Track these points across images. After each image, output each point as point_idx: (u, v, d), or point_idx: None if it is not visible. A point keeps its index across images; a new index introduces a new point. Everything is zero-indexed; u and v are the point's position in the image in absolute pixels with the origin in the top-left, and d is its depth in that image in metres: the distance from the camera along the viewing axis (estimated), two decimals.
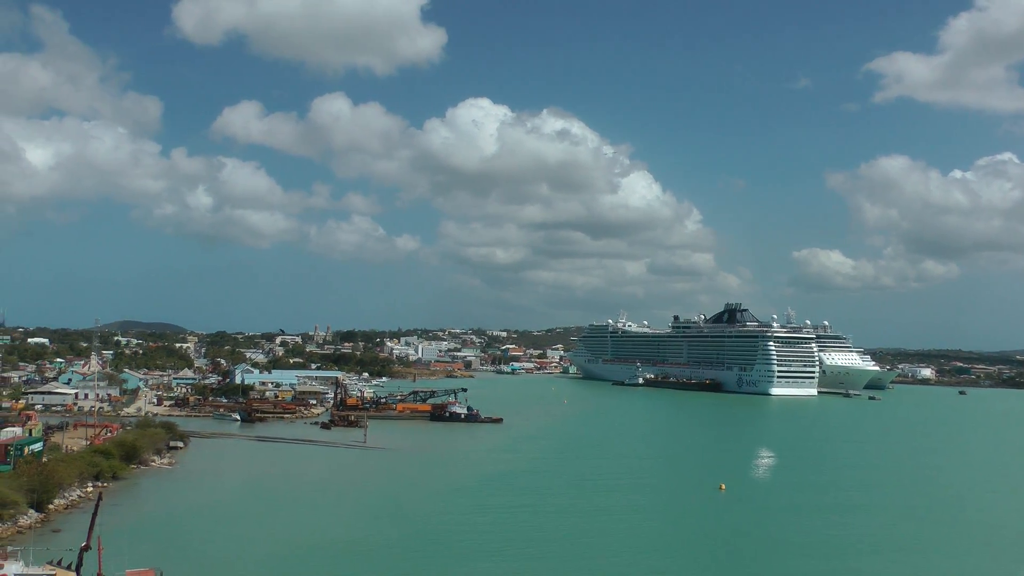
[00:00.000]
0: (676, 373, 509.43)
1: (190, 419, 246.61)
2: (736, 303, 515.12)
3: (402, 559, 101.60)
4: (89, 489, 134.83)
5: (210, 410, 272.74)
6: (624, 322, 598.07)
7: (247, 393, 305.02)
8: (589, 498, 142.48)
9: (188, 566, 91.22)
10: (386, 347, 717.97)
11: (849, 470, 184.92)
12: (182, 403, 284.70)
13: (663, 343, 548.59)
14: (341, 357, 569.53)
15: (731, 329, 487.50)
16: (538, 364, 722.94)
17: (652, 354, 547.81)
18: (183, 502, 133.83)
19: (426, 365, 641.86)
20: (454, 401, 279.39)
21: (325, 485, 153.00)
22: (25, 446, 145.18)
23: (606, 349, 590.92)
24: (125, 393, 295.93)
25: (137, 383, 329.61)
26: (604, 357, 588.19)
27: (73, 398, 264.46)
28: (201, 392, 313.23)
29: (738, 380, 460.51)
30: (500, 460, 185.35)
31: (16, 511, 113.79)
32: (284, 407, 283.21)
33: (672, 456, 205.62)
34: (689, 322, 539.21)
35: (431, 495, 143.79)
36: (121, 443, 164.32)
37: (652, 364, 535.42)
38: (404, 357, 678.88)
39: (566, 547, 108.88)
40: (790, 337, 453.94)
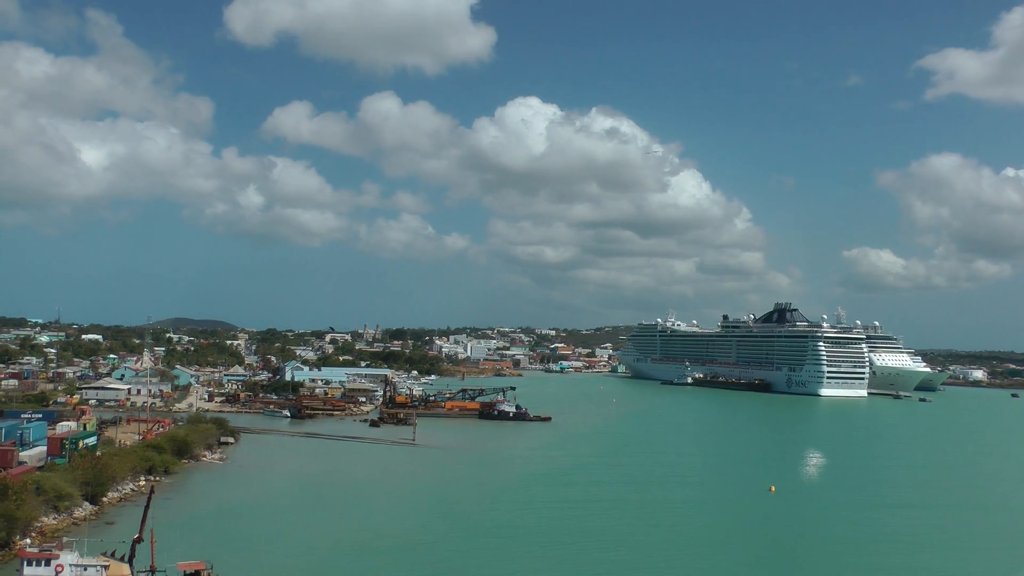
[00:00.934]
0: (725, 373, 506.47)
1: (241, 415, 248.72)
2: (786, 303, 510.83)
3: (451, 556, 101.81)
4: (142, 483, 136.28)
5: (260, 406, 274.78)
6: (673, 321, 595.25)
7: (297, 390, 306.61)
8: (638, 498, 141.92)
9: (238, 560, 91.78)
10: (435, 345, 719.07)
11: (901, 472, 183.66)
12: (233, 399, 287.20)
13: (712, 343, 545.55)
14: (390, 355, 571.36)
15: (780, 329, 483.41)
16: (587, 363, 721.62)
17: (701, 354, 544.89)
18: (233, 497, 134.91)
19: (475, 363, 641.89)
20: (503, 399, 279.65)
21: (374, 482, 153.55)
22: (80, 440, 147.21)
23: (655, 348, 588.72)
24: (177, 389, 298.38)
25: (188, 379, 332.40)
26: (653, 356, 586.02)
27: (126, 394, 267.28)
28: (252, 389, 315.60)
29: (787, 380, 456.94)
30: (549, 458, 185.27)
31: (71, 503, 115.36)
32: (334, 404, 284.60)
33: (721, 457, 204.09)
34: (738, 322, 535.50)
35: (480, 492, 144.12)
36: (173, 438, 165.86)
37: (701, 364, 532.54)
38: (453, 355, 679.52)
39: (615, 545, 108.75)
40: (840, 337, 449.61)
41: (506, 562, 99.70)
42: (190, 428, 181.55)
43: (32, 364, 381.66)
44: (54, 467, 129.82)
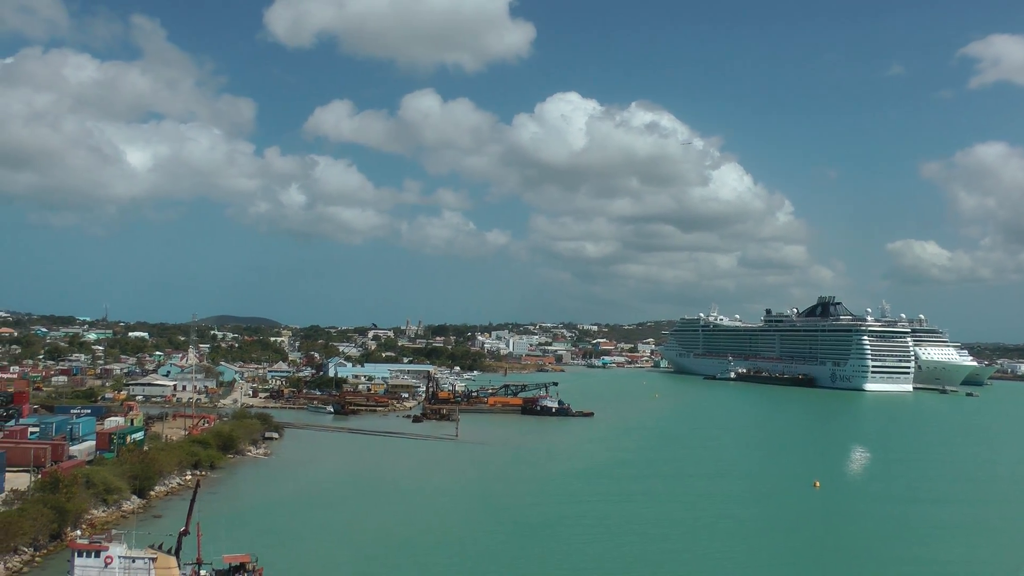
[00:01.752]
0: (768, 368, 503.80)
1: (284, 411, 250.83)
2: (829, 296, 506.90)
3: (494, 551, 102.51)
4: (188, 477, 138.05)
5: (304, 402, 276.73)
6: (715, 316, 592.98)
7: (340, 386, 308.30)
8: (681, 493, 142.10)
9: (282, 553, 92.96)
10: (477, 341, 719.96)
11: (947, 467, 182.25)
12: (277, 395, 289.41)
13: (755, 337, 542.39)
14: (433, 351, 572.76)
15: (824, 323, 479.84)
16: (629, 358, 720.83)
17: (744, 348, 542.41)
18: (278, 491, 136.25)
19: (517, 359, 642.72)
20: (545, 395, 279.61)
21: (417, 477, 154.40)
22: (127, 435, 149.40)
23: (697, 343, 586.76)
24: (221, 385, 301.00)
25: (233, 375, 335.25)
26: (695, 351, 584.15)
27: (172, 390, 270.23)
28: (295, 385, 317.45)
29: (831, 375, 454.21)
30: (591, 454, 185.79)
31: (120, 497, 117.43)
32: (376, 400, 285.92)
33: (765, 452, 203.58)
34: (781, 316, 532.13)
35: (522, 487, 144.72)
36: (218, 433, 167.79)
37: (744, 358, 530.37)
38: (495, 351, 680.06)
39: (657, 539, 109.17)
40: (885, 331, 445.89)
41: (548, 557, 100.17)
42: (235, 424, 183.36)
43: (81, 361, 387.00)
44: (103, 461, 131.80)
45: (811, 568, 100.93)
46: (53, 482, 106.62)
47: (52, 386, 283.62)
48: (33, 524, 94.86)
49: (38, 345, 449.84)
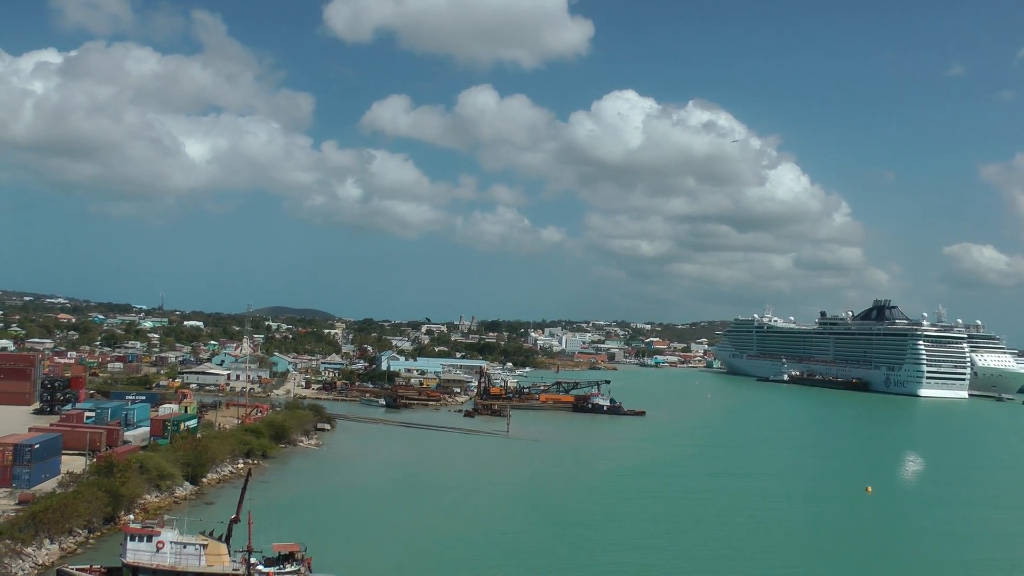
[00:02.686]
0: (822, 371, 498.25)
1: (337, 403, 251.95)
2: (885, 299, 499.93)
3: (542, 546, 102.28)
4: (240, 465, 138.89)
5: (356, 395, 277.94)
6: (770, 317, 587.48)
7: (393, 379, 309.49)
8: (732, 494, 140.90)
9: (332, 543, 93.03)
10: (530, 337, 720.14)
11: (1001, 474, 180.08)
12: (329, 387, 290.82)
13: (809, 340, 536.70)
14: (485, 346, 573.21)
15: (879, 327, 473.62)
16: (682, 358, 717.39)
17: (798, 350, 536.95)
18: (329, 482, 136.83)
19: (570, 356, 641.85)
20: (597, 393, 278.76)
21: (467, 472, 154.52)
22: (181, 422, 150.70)
23: (751, 344, 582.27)
24: (275, 376, 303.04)
25: (286, 366, 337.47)
26: (749, 352, 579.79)
27: (226, 379, 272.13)
28: (348, 377, 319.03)
29: (885, 380, 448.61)
30: (642, 452, 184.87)
31: (172, 483, 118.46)
32: (429, 394, 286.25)
33: (817, 456, 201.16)
34: (836, 318, 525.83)
35: (572, 484, 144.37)
36: (271, 423, 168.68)
37: (797, 361, 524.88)
38: (548, 348, 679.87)
39: (707, 540, 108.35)
40: (941, 336, 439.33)
41: (596, 553, 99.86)
42: (287, 414, 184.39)
43: (136, 348, 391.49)
44: (156, 447, 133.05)
45: (864, 572, 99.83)
46: (108, 466, 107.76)
47: (108, 372, 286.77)
48: (88, 507, 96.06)
49: (95, 332, 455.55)
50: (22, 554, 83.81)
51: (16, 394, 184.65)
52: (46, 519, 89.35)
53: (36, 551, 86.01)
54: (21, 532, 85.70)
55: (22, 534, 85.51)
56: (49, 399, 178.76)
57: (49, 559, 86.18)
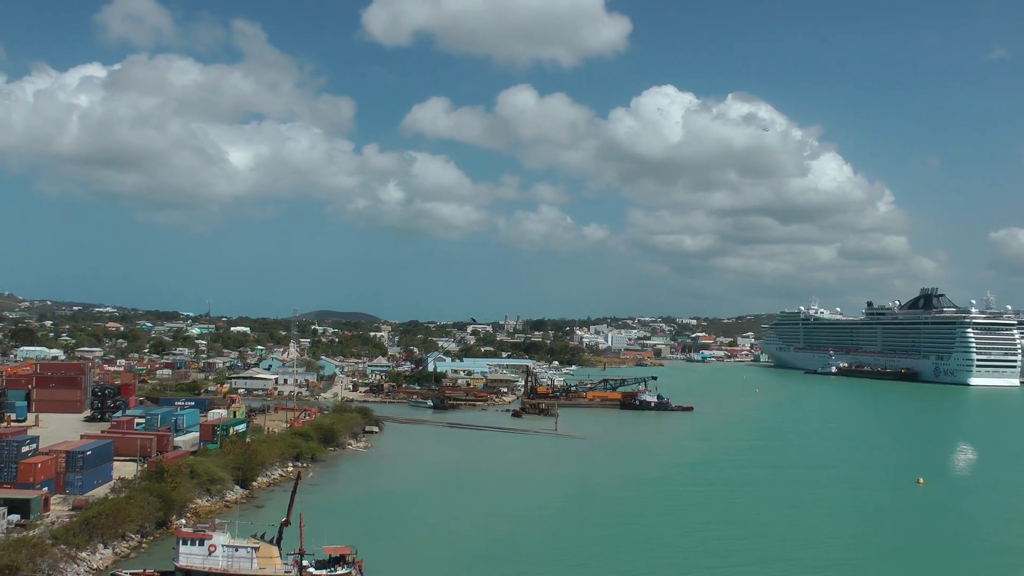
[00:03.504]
0: (870, 362, 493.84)
1: (384, 405, 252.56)
2: (932, 288, 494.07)
3: (593, 543, 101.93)
4: (289, 469, 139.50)
5: (404, 397, 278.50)
6: (816, 309, 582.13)
7: (439, 380, 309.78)
8: (783, 488, 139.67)
9: (382, 545, 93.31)
10: (576, 335, 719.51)
11: None
12: (376, 389, 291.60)
13: (856, 330, 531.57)
14: (531, 345, 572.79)
15: (927, 315, 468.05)
16: (728, 352, 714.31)
17: (845, 342, 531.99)
18: (378, 484, 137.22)
19: (616, 353, 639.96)
20: (644, 389, 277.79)
21: (516, 471, 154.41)
22: (230, 427, 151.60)
23: (797, 337, 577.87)
24: (322, 379, 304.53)
25: (333, 370, 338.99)
26: (795, 345, 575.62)
27: (273, 383, 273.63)
28: (395, 379, 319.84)
29: (935, 369, 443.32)
30: (690, 448, 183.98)
31: (223, 487, 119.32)
32: (476, 395, 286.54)
33: (867, 448, 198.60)
34: (883, 308, 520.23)
35: (623, 483, 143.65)
36: (319, 426, 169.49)
37: (845, 352, 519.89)
38: (594, 345, 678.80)
39: (760, 537, 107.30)
40: (990, 323, 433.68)
41: (645, 550, 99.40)
42: (335, 417, 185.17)
43: (184, 355, 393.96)
44: (206, 452, 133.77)
45: (918, 564, 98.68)
46: (159, 472, 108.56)
47: (157, 379, 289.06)
48: (140, 512, 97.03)
49: (143, 339, 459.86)
50: (77, 559, 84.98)
51: (68, 402, 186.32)
52: (100, 524, 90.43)
53: (90, 556, 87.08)
54: (76, 537, 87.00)
55: (77, 539, 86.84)
56: (100, 406, 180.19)
57: (103, 563, 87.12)
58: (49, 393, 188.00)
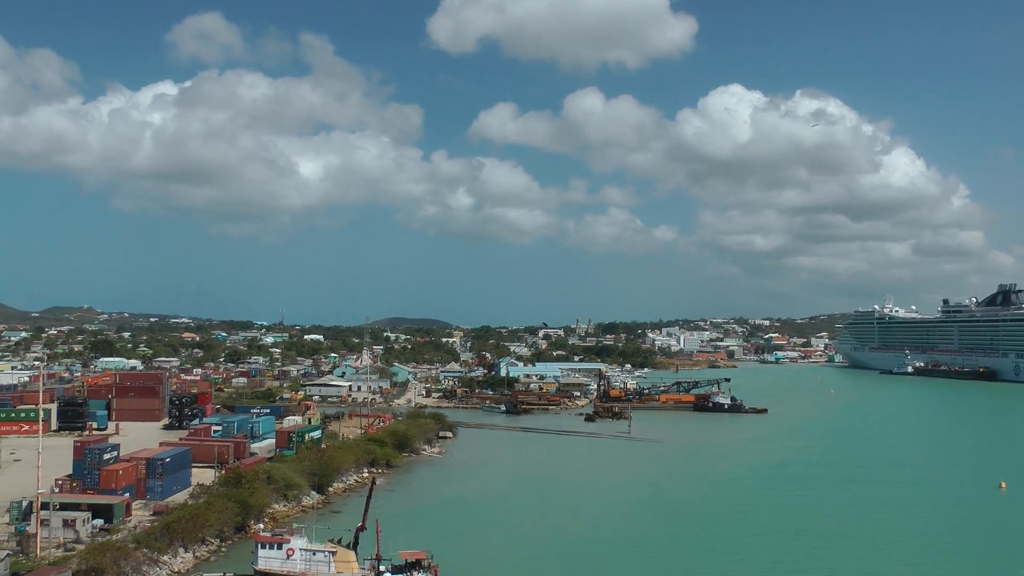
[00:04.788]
0: (947, 361, 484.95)
1: (457, 410, 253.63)
2: (1010, 284, 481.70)
3: (667, 548, 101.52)
4: (364, 474, 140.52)
5: (477, 402, 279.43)
6: (890, 307, 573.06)
7: (512, 385, 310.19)
8: (860, 491, 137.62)
9: (457, 550, 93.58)
10: (647, 338, 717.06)
11: None
12: (449, 395, 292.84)
13: (932, 329, 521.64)
14: (603, 349, 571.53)
15: (1005, 312, 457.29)
16: (802, 353, 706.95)
17: (920, 341, 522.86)
18: (453, 489, 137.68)
19: (688, 355, 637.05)
20: (717, 391, 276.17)
21: (590, 475, 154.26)
22: (305, 433, 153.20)
23: (872, 337, 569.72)
24: (395, 386, 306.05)
25: (406, 376, 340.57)
26: (870, 345, 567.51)
27: (347, 390, 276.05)
28: (468, 384, 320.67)
29: (1015, 368, 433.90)
30: (766, 451, 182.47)
31: (299, 492, 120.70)
32: (548, 399, 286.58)
33: (946, 451, 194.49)
34: (960, 306, 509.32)
35: (697, 485, 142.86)
36: (393, 432, 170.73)
37: (921, 352, 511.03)
38: (666, 348, 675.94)
39: (836, 541, 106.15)
40: None
41: (719, 555, 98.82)
42: (409, 423, 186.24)
43: (259, 363, 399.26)
44: (282, 458, 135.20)
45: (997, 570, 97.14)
46: (236, 478, 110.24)
47: (233, 387, 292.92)
48: (219, 516, 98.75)
49: (219, 349, 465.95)
50: (159, 562, 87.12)
51: (146, 411, 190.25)
52: (180, 529, 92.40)
53: (171, 559, 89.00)
54: (157, 541, 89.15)
55: (158, 543, 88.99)
56: (177, 415, 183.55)
57: (184, 567, 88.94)
58: (128, 402, 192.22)
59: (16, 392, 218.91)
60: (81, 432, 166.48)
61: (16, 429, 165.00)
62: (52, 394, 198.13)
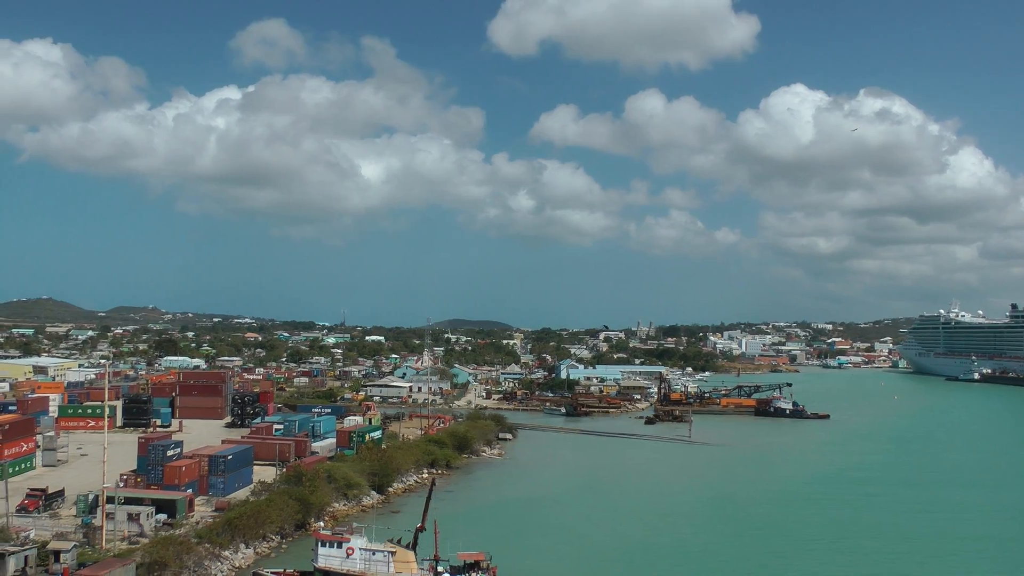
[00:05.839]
0: (1016, 368, 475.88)
1: (517, 412, 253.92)
2: None
3: (725, 553, 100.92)
4: (424, 475, 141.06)
5: (537, 404, 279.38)
6: (957, 312, 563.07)
7: (572, 388, 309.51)
8: (921, 503, 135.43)
9: (516, 552, 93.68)
10: (709, 341, 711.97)
11: None
12: (510, 397, 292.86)
13: (1001, 335, 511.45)
14: (664, 352, 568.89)
15: None
16: (866, 358, 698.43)
17: (988, 347, 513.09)
18: (512, 491, 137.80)
19: (750, 359, 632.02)
20: (779, 396, 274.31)
21: (650, 478, 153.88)
22: (366, 433, 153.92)
23: (938, 342, 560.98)
24: (455, 387, 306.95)
25: (467, 378, 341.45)
26: (936, 350, 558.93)
27: (408, 391, 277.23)
28: (528, 387, 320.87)
29: None
30: (827, 457, 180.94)
31: (359, 492, 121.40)
32: (609, 402, 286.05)
33: (1014, 461, 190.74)
34: None
35: (758, 490, 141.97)
36: (453, 434, 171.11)
37: (989, 358, 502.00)
38: (727, 351, 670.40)
39: (894, 551, 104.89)
40: None
41: (780, 559, 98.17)
42: (469, 424, 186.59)
43: (321, 363, 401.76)
44: (343, 458, 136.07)
45: None
46: (297, 476, 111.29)
47: (294, 387, 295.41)
48: (280, 514, 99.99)
49: (281, 349, 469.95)
50: (220, 557, 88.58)
51: (209, 409, 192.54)
52: (241, 525, 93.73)
53: (233, 555, 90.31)
54: (219, 537, 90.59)
55: (220, 538, 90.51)
56: (240, 413, 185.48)
57: (245, 562, 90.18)
58: (192, 400, 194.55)
59: (83, 389, 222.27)
60: (145, 429, 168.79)
61: (83, 425, 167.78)
62: (117, 392, 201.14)
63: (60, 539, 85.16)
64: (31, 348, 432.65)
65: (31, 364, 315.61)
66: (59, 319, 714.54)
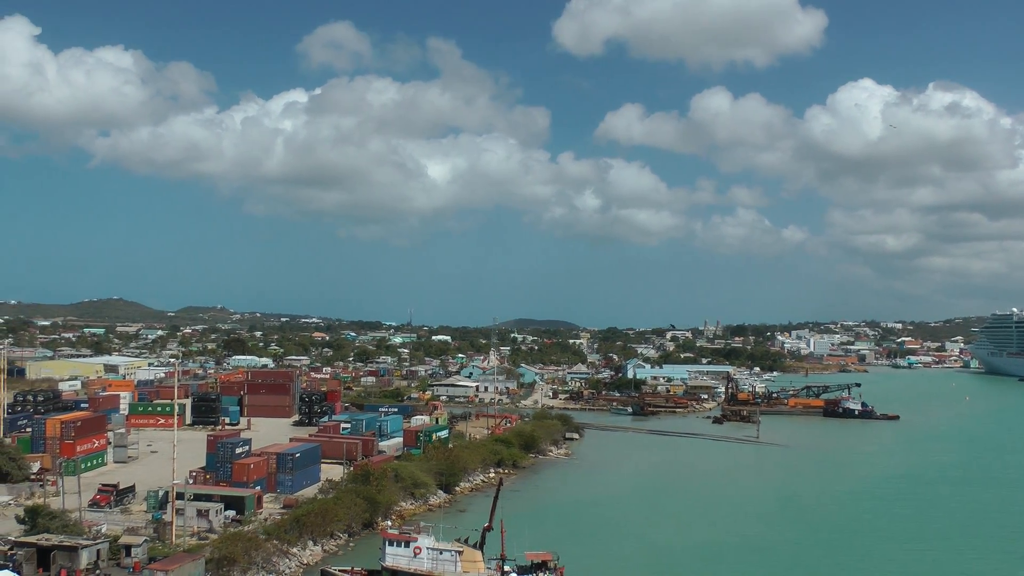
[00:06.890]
0: None
1: (584, 412, 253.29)
2: None
3: (794, 554, 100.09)
4: (491, 475, 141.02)
5: (604, 403, 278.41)
6: None
7: (639, 387, 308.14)
8: (991, 503, 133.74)
9: (582, 552, 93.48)
10: (777, 341, 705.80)
11: None
12: (576, 396, 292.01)
13: None
14: (731, 351, 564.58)
15: None
16: (936, 358, 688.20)
17: None
18: (579, 491, 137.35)
19: (818, 359, 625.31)
20: (848, 396, 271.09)
21: (718, 479, 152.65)
22: (433, 433, 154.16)
23: (1011, 341, 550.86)
24: (522, 387, 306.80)
25: (533, 377, 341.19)
26: (1009, 350, 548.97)
27: (474, 390, 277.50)
28: (594, 386, 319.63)
29: None
30: (896, 459, 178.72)
31: (426, 491, 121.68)
32: (676, 401, 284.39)
33: None
34: None
35: (827, 492, 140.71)
36: (520, 433, 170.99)
37: None
38: (795, 351, 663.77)
39: (965, 554, 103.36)
40: None
41: (849, 561, 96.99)
42: (536, 424, 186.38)
43: (387, 363, 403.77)
44: (410, 457, 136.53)
45: None
46: (364, 475, 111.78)
47: (362, 386, 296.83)
48: (347, 512, 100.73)
49: (348, 348, 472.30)
50: (288, 554, 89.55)
51: (277, 407, 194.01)
52: (309, 522, 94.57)
53: (300, 552, 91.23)
54: (287, 533, 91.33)
55: (288, 535, 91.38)
56: (307, 411, 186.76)
57: (312, 559, 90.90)
58: (260, 399, 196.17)
59: (153, 388, 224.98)
60: (214, 427, 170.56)
61: (153, 422, 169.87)
62: (187, 390, 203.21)
63: (131, 534, 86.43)
64: (102, 347, 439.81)
65: (102, 363, 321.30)
66: (129, 319, 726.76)
